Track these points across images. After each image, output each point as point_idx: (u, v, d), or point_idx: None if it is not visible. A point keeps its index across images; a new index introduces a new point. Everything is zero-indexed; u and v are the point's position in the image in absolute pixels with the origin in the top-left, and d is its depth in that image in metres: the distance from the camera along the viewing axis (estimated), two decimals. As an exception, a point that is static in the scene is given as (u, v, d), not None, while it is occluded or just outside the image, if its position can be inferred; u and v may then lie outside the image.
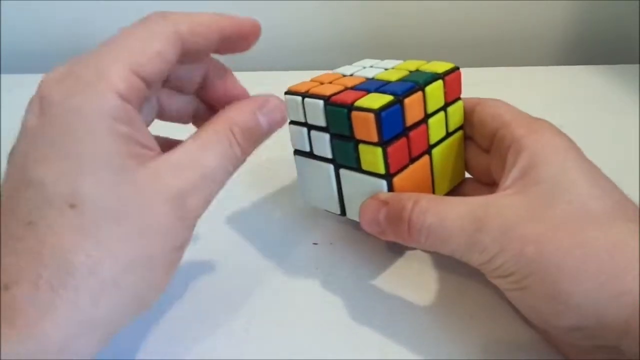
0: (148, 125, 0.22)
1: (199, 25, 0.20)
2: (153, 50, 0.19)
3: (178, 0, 0.52)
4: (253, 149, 0.22)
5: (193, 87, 0.24)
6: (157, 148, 0.20)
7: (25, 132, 0.18)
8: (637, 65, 0.49)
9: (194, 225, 0.20)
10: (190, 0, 0.52)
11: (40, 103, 0.18)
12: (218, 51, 0.22)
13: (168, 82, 0.23)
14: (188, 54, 0.20)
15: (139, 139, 0.19)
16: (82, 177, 0.17)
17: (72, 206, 0.17)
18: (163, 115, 0.24)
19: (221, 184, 0.21)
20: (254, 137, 0.21)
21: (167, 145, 0.20)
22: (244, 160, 0.21)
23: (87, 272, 0.17)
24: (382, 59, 0.28)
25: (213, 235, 0.29)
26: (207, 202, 0.20)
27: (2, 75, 0.49)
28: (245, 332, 0.23)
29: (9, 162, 0.18)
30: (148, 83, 0.19)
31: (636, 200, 0.20)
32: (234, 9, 0.59)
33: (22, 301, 0.16)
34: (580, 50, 0.58)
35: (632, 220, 0.19)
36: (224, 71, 0.24)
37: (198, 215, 0.20)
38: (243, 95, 0.24)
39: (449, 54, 0.57)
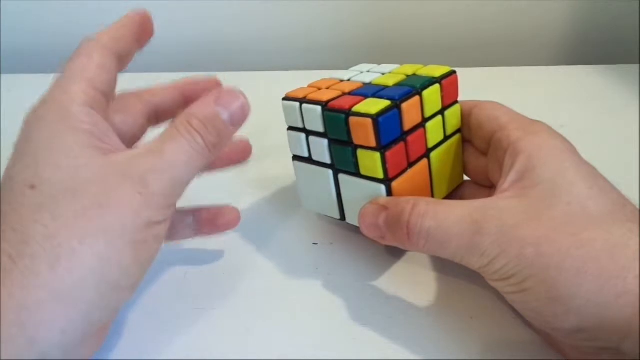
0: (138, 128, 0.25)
1: (117, 32, 0.23)
2: (96, 65, 0.21)
3: (179, 1, 0.53)
4: (219, 139, 0.22)
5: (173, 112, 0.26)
6: (122, 147, 0.21)
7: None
8: (637, 65, 0.49)
9: (165, 207, 0.20)
10: (192, 0, 0.53)
11: (22, 127, 0.20)
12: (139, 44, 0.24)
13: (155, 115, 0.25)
14: (122, 58, 0.23)
15: (103, 137, 0.20)
16: (42, 164, 0.19)
17: (32, 187, 0.18)
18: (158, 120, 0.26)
19: (186, 169, 0.21)
20: (215, 126, 0.21)
21: None
22: (212, 148, 0.22)
23: (43, 241, 0.17)
24: (382, 58, 0.28)
25: (213, 236, 0.29)
26: (173, 185, 0.20)
27: (2, 75, 0.49)
28: (245, 332, 0.23)
29: None
30: (103, 93, 0.21)
31: (636, 200, 0.20)
32: (234, 9, 0.59)
33: None
34: (580, 50, 0.58)
35: (631, 220, 0.19)
36: (210, 85, 0.25)
37: (165, 195, 0.20)
38: (244, 146, 0.27)
39: (449, 54, 0.57)
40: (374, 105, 0.22)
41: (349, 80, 0.26)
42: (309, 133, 0.25)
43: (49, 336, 0.17)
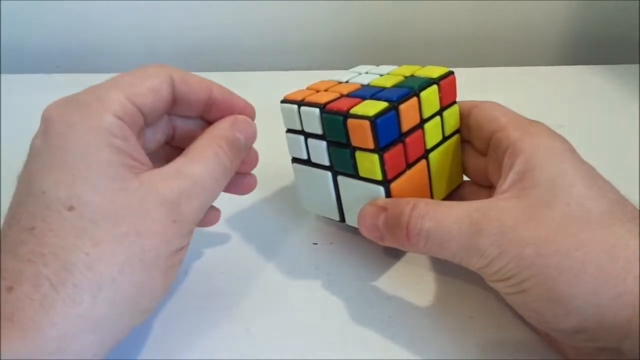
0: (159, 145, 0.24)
1: (190, 77, 0.23)
2: (147, 86, 0.21)
3: (179, 1, 0.53)
4: (238, 160, 0.23)
5: (197, 112, 0.25)
6: (151, 165, 0.21)
7: (31, 152, 0.19)
8: (637, 65, 0.49)
9: (190, 232, 0.21)
10: (192, 0, 0.53)
11: (43, 125, 0.19)
12: (207, 115, 0.24)
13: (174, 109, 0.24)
14: (179, 101, 0.23)
15: (133, 154, 0.20)
16: (79, 183, 0.18)
17: (71, 209, 0.18)
18: (174, 138, 0.25)
19: (213, 192, 0.22)
20: (236, 148, 0.23)
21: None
22: (233, 170, 0.23)
23: (86, 270, 0.17)
24: (381, 59, 0.28)
25: (213, 236, 0.29)
26: (201, 209, 0.21)
27: (2, 75, 0.49)
28: (245, 332, 0.23)
29: (18, 181, 0.19)
30: (143, 112, 0.21)
31: (636, 200, 0.20)
32: (234, 10, 0.59)
33: (23, 300, 0.16)
34: (580, 50, 0.58)
35: (630, 221, 0.19)
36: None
37: (193, 221, 0.21)
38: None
39: (449, 54, 0.57)
40: (371, 107, 0.22)
41: (347, 81, 0.26)
42: (307, 135, 0.25)
43: None
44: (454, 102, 0.26)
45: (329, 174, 0.25)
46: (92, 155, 0.19)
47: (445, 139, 0.25)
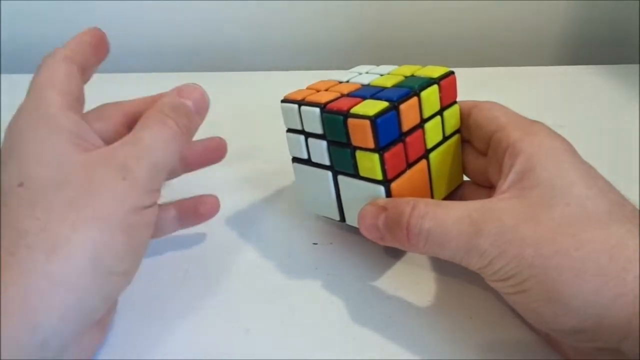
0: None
1: (77, 46, 0.24)
2: (63, 74, 0.22)
3: (179, 1, 0.53)
4: (189, 123, 0.23)
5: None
6: (103, 145, 0.22)
7: None
8: (637, 65, 0.49)
9: (148, 191, 0.21)
10: (192, 0, 0.53)
11: (5, 137, 0.21)
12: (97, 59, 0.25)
13: None
14: (83, 70, 0.24)
15: (83, 135, 0.21)
16: (30, 162, 0.20)
17: (20, 185, 0.19)
18: None
19: (164, 152, 0.22)
20: (183, 112, 0.23)
21: None
22: (184, 133, 0.23)
23: (38, 231, 0.18)
24: (382, 59, 0.28)
25: (213, 236, 0.29)
26: (154, 169, 0.21)
27: (2, 75, 0.49)
28: (245, 332, 0.23)
29: None
30: (75, 98, 0.22)
31: (636, 200, 0.20)
32: (235, 9, 0.59)
33: None
34: (580, 50, 0.58)
35: (630, 221, 0.19)
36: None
37: (147, 179, 0.21)
38: (217, 143, 0.29)
39: (449, 54, 0.57)
40: (372, 107, 0.22)
41: (347, 81, 0.26)
42: (308, 135, 0.25)
43: (49, 322, 0.17)
44: (454, 102, 0.26)
45: (329, 173, 0.25)
46: (41, 140, 0.20)
47: (445, 138, 0.25)
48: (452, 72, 0.25)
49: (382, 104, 0.22)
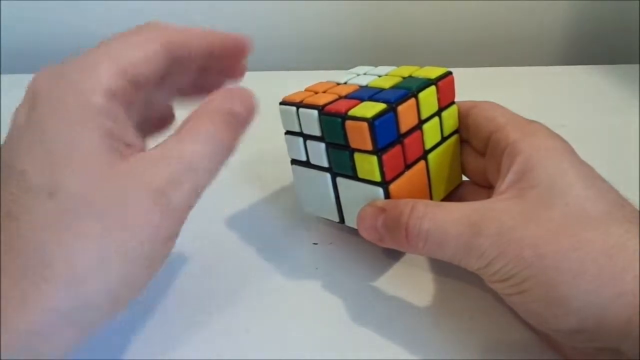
0: (136, 122, 0.22)
1: (190, 38, 0.21)
2: (143, 55, 0.19)
3: (179, 1, 0.53)
4: (236, 135, 0.21)
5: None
6: (141, 145, 0.20)
7: (14, 126, 0.19)
8: (637, 65, 0.49)
9: (181, 220, 0.19)
10: (192, 0, 0.53)
11: (29, 98, 0.19)
12: (208, 67, 0.23)
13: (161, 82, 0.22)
14: (176, 64, 0.21)
15: (122, 135, 0.19)
16: (62, 167, 0.17)
17: (51, 195, 0.17)
18: (151, 110, 0.24)
19: (207, 174, 0.20)
20: (234, 124, 0.21)
21: None
22: (230, 148, 0.21)
23: (63, 263, 0.17)
24: (381, 59, 0.28)
25: (213, 236, 0.29)
26: (195, 193, 0.19)
27: (2, 76, 0.49)
28: (245, 332, 0.23)
29: None
30: (136, 84, 0.20)
31: (636, 201, 0.20)
32: (235, 9, 0.59)
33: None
34: (580, 50, 0.58)
35: (629, 221, 0.19)
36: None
37: (184, 208, 0.19)
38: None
39: (449, 54, 0.57)
40: (369, 109, 0.22)
41: (345, 83, 0.26)
42: (306, 137, 0.25)
43: (54, 355, 0.17)
44: (453, 103, 0.26)
45: (328, 175, 0.25)
46: (77, 137, 0.18)
47: (444, 139, 0.25)
48: (450, 73, 0.25)
49: (380, 106, 0.22)
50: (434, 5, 0.55)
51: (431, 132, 0.24)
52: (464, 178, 0.28)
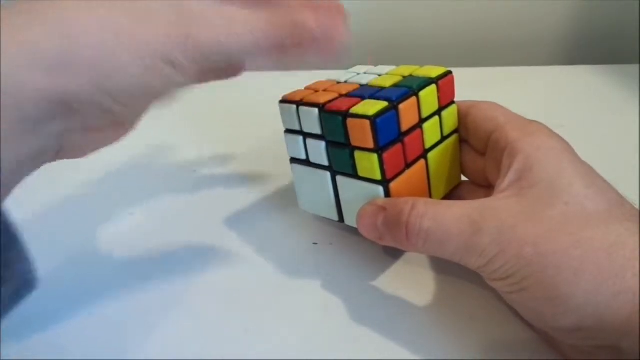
0: None
1: None
2: None
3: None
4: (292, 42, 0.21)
5: None
6: None
7: None
8: (637, 65, 0.49)
9: (190, 59, 0.19)
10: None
11: None
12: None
13: None
14: None
15: None
16: None
17: None
18: None
19: (235, 39, 0.19)
20: (297, 35, 0.21)
21: None
22: (274, 39, 0.20)
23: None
24: (380, 59, 0.28)
25: (213, 236, 0.29)
26: (215, 52, 0.19)
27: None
28: (245, 332, 0.23)
29: None
30: None
31: (636, 200, 0.20)
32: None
33: None
34: (580, 50, 0.58)
35: (629, 219, 0.19)
36: None
37: (197, 58, 0.19)
38: None
39: (449, 54, 0.57)
40: (371, 107, 0.22)
41: (345, 82, 0.26)
42: (306, 135, 0.25)
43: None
44: (453, 102, 0.26)
45: (328, 174, 0.25)
46: None
47: (443, 138, 0.25)
48: (450, 72, 0.25)
49: (382, 104, 0.22)
50: (434, 5, 0.55)
51: (431, 131, 0.24)
52: (463, 178, 0.28)
